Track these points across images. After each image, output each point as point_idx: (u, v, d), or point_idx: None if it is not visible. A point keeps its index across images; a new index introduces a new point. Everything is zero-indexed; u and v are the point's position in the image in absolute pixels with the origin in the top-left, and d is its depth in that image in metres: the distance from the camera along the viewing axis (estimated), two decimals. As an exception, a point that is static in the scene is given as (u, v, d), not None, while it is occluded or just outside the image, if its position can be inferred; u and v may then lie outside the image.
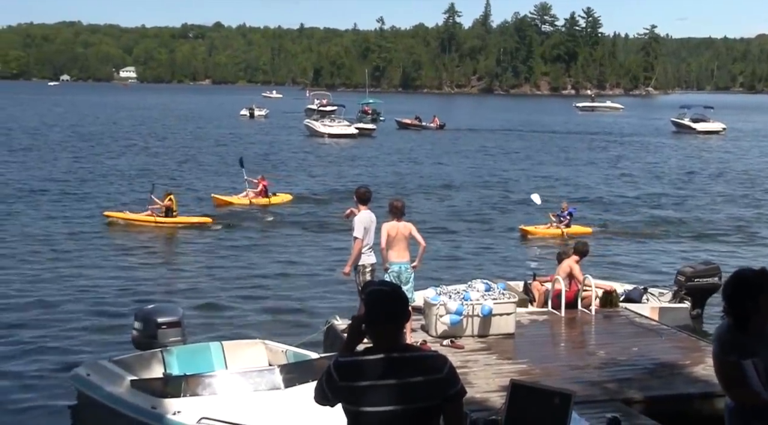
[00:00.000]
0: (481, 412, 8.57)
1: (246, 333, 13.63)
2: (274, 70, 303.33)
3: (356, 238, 12.01)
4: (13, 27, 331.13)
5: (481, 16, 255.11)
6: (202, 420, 8.77)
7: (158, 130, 70.94)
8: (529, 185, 37.34)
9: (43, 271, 19.08)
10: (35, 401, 11.47)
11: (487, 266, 20.20)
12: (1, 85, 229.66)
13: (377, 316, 4.18)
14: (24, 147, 51.17)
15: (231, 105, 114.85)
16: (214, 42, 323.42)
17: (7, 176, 36.46)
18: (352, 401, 4.11)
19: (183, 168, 41.71)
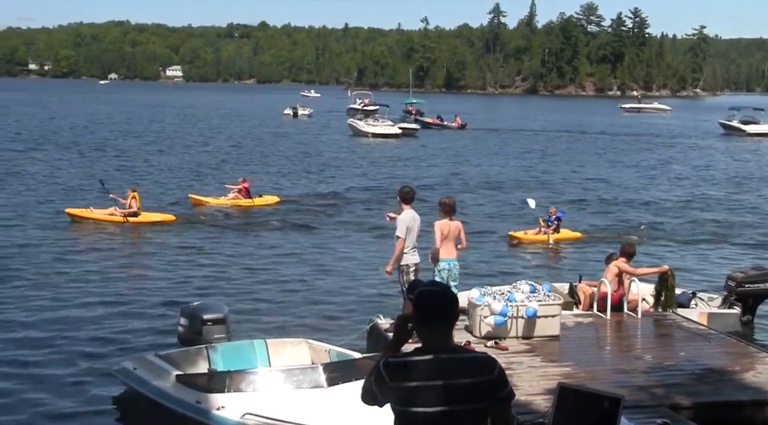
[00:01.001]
0: (525, 415, 8.50)
1: (289, 332, 13.65)
2: (318, 69, 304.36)
3: (398, 237, 12.05)
4: (63, 27, 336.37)
5: (526, 16, 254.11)
6: (245, 415, 8.81)
7: (204, 129, 71.51)
8: (573, 187, 37.12)
9: (91, 268, 19.24)
10: (83, 394, 11.59)
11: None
12: (53, 83, 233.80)
13: (428, 317, 4.16)
14: (77, 144, 51.84)
15: (275, 104, 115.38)
16: (259, 41, 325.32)
17: (59, 174, 36.91)
18: (402, 401, 4.08)
19: (223, 167, 41.92)
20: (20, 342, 13.69)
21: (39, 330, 14.45)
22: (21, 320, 14.86)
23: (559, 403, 6.01)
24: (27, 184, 33.00)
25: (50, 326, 14.66)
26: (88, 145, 51.62)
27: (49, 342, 13.76)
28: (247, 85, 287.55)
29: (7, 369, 12.46)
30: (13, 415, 10.86)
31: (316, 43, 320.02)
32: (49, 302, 16.23)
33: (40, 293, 16.91)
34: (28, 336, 14.02)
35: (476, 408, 4.12)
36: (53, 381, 12.05)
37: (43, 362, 12.82)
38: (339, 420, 8.42)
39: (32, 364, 12.71)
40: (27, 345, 13.58)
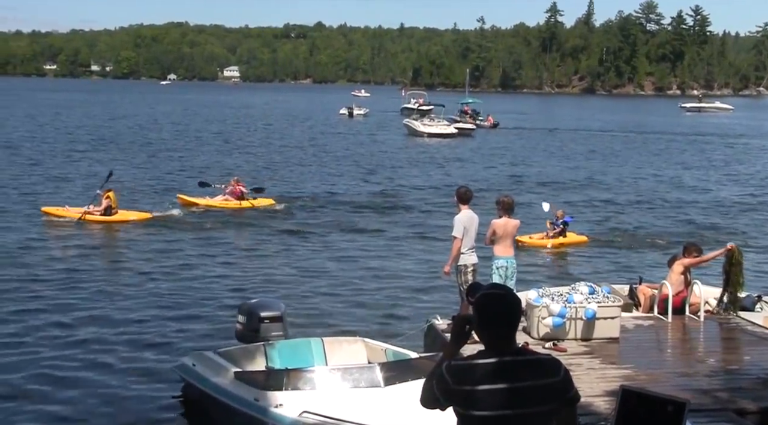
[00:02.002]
0: (586, 416, 8.38)
1: (345, 331, 13.65)
2: (373, 69, 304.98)
3: (455, 237, 12.01)
4: (124, 28, 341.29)
5: (583, 15, 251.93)
6: (303, 413, 8.81)
7: (261, 128, 72.12)
8: (629, 187, 36.69)
9: (145, 269, 19.43)
10: (143, 389, 11.74)
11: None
12: (114, 84, 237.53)
13: (491, 320, 4.12)
14: (148, 144, 52.60)
15: (330, 104, 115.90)
16: (315, 42, 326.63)
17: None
18: (466, 404, 4.04)
19: (275, 166, 42.18)
20: (84, 340, 13.89)
21: (102, 327, 14.66)
22: (85, 319, 15.06)
23: (622, 406, 5.89)
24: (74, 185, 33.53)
25: (112, 324, 14.88)
26: (151, 144, 52.39)
27: (112, 339, 13.97)
28: (303, 85, 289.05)
29: (72, 364, 12.67)
30: (76, 409, 11.04)
31: (371, 43, 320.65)
32: (110, 301, 16.46)
33: (102, 292, 17.17)
34: (91, 334, 14.23)
35: (542, 411, 4.07)
36: (116, 377, 12.22)
37: (107, 359, 12.99)
38: (396, 420, 8.38)
39: (95, 361, 12.90)
40: (90, 343, 13.78)
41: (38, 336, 14.00)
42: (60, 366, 12.61)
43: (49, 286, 17.24)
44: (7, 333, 14.19)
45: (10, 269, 18.64)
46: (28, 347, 13.49)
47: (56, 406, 11.14)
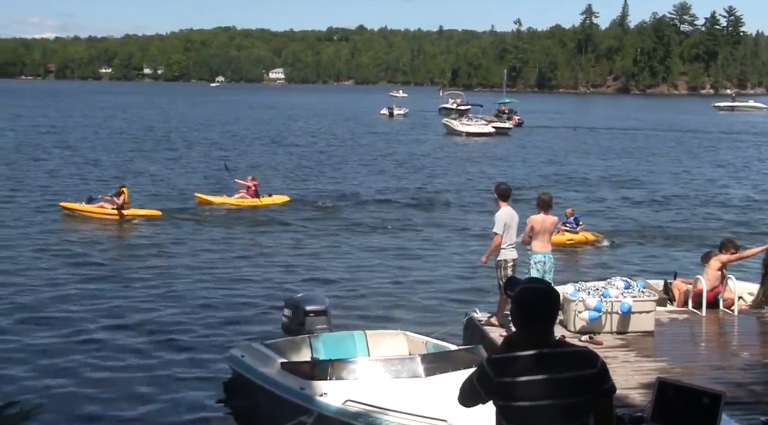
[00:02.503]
0: (623, 408, 8.29)
1: (386, 324, 13.65)
2: (413, 70, 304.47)
3: (495, 233, 11.98)
4: (175, 33, 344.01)
5: (618, 16, 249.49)
6: (347, 402, 8.82)
7: (305, 128, 72.43)
8: (669, 184, 36.31)
9: (193, 264, 19.56)
10: (194, 379, 11.84)
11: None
12: (165, 86, 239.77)
13: (530, 314, 4.10)
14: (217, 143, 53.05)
15: (371, 104, 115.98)
16: (357, 44, 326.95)
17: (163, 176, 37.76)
18: (506, 396, 4.02)
19: (319, 164, 42.30)
20: (137, 332, 14.03)
21: (155, 321, 14.81)
22: (138, 312, 15.19)
23: (658, 398, 5.86)
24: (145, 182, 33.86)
25: (165, 317, 15.03)
26: (210, 143, 52.82)
27: (165, 331, 14.12)
28: (346, 86, 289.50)
29: (126, 356, 12.81)
30: (131, 394, 11.16)
31: (411, 45, 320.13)
32: (161, 296, 16.60)
33: (155, 285, 17.35)
34: (145, 327, 14.36)
35: (580, 402, 4.05)
36: (170, 367, 12.35)
37: (160, 349, 13.14)
38: (436, 410, 8.35)
39: (150, 353, 13.04)
40: (144, 335, 13.93)
41: (97, 328, 14.17)
42: (117, 357, 12.76)
43: (99, 282, 17.39)
44: (71, 325, 14.38)
45: (63, 268, 18.83)
46: (88, 336, 13.67)
47: (111, 393, 11.27)
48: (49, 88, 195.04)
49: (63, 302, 15.79)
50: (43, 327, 14.11)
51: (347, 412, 8.78)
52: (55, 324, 14.32)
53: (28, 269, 18.39)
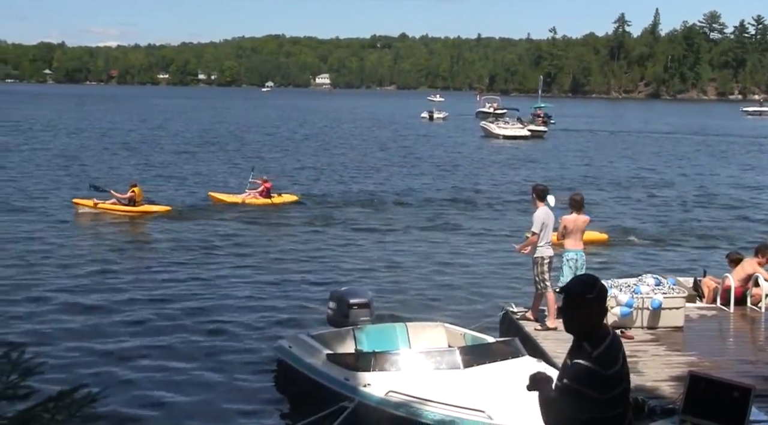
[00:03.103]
0: (654, 400, 8.19)
1: (426, 317, 13.62)
2: (452, 76, 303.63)
3: (534, 233, 11.94)
4: (228, 41, 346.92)
5: (650, 25, 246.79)
6: (389, 393, 8.81)
7: (351, 130, 72.54)
8: (697, 186, 35.84)
9: (245, 263, 19.56)
10: (245, 368, 11.88)
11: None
12: (219, 91, 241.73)
13: (605, 301, 4.24)
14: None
15: (412, 108, 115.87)
16: (399, 51, 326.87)
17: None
18: (615, 385, 4.03)
19: (363, 165, 42.31)
20: (190, 324, 14.11)
21: (206, 312, 14.90)
22: (189, 306, 15.30)
23: (690, 390, 5.78)
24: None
25: (215, 308, 15.09)
26: (249, 145, 53.16)
27: (216, 322, 14.17)
28: (388, 91, 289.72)
29: (179, 346, 12.91)
30: (182, 384, 11.24)
31: (451, 52, 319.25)
32: (211, 288, 16.70)
33: (203, 279, 17.45)
34: (197, 319, 14.45)
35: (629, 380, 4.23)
36: (221, 356, 12.41)
37: (212, 340, 13.21)
38: (475, 400, 8.32)
39: (201, 342, 13.12)
40: (196, 325, 14.03)
41: (154, 323, 14.25)
42: (170, 347, 12.86)
43: (149, 279, 17.38)
44: (127, 315, 14.54)
45: (117, 265, 18.95)
46: (152, 330, 13.79)
47: (165, 380, 11.36)
48: (112, 92, 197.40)
49: (116, 292, 15.96)
50: (99, 317, 14.24)
51: (389, 402, 8.77)
52: (111, 314, 14.44)
53: (85, 264, 18.62)
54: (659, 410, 7.23)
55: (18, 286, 16.12)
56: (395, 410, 8.66)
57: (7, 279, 16.76)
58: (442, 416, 8.30)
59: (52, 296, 15.47)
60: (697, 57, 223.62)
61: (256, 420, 10.13)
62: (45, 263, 18.35)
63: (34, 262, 18.45)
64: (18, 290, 15.85)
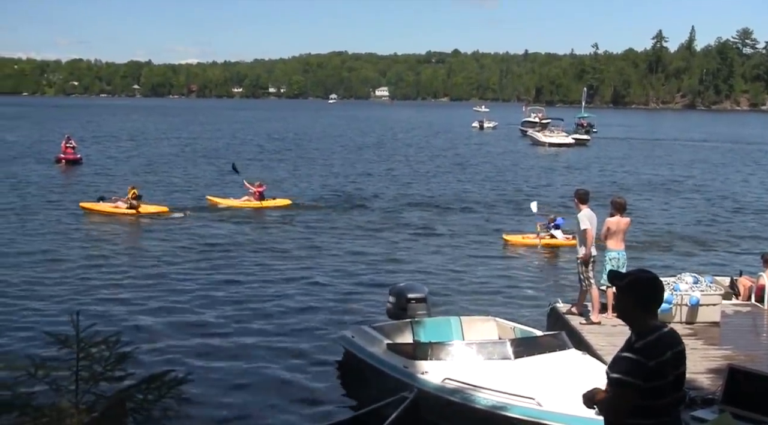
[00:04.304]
0: (694, 391, 8.02)
1: (478, 311, 13.55)
2: (501, 88, 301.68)
3: (585, 229, 11.81)
4: (295, 57, 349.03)
5: (686, 40, 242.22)
6: (445, 380, 8.78)
7: (408, 138, 72.56)
8: (729, 192, 35.02)
9: (309, 262, 19.70)
10: (312, 356, 11.94)
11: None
12: (287, 103, 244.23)
13: (649, 299, 4.10)
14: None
15: (464, 118, 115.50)
16: (452, 66, 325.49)
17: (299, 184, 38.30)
18: (656, 377, 3.96)
19: (420, 171, 42.24)
20: (259, 316, 14.20)
21: (274, 303, 15.02)
22: (258, 303, 15.32)
23: (729, 382, 5.64)
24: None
25: (281, 301, 15.20)
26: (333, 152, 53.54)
27: (285, 315, 14.27)
28: (441, 102, 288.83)
29: (249, 336, 13.00)
30: (252, 371, 11.35)
31: (500, 66, 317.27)
32: (274, 282, 16.80)
33: (267, 274, 17.56)
34: (265, 310, 14.56)
35: (683, 372, 4.11)
36: (287, 345, 12.48)
37: (280, 331, 13.29)
38: (525, 389, 8.25)
39: (270, 331, 13.22)
40: (265, 317, 14.15)
41: (225, 318, 14.34)
42: (242, 338, 12.98)
43: (215, 280, 17.30)
44: (201, 307, 14.72)
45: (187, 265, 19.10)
46: (224, 324, 13.91)
47: (238, 368, 11.47)
48: (192, 105, 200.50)
49: (190, 292, 16.07)
50: (174, 311, 14.38)
51: (445, 389, 8.74)
52: (186, 313, 14.49)
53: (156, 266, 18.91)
54: (699, 400, 7.08)
55: (106, 285, 16.35)
56: (451, 396, 8.62)
57: (97, 277, 17.14)
58: (495, 402, 8.24)
59: (135, 293, 15.68)
60: (731, 70, 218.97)
61: (321, 406, 10.13)
62: (136, 263, 18.71)
63: (120, 263, 18.82)
64: (102, 288, 16.08)
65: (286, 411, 9.97)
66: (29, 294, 15.18)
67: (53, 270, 17.30)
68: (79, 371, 4.80)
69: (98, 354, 4.92)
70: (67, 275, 16.90)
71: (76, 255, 19.03)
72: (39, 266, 17.61)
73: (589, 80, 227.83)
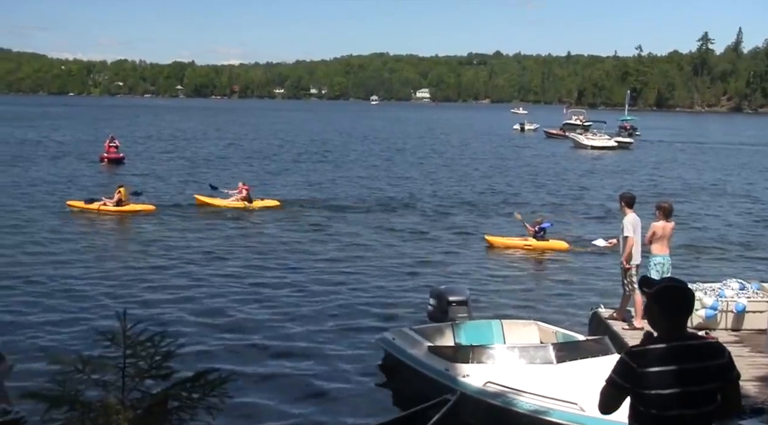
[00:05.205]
0: (742, 398, 7.88)
1: (520, 314, 13.47)
2: (543, 91, 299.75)
3: (627, 237, 11.68)
4: (337, 58, 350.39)
5: (733, 42, 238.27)
6: (487, 384, 8.74)
7: (451, 141, 72.38)
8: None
9: (344, 267, 19.72)
10: (352, 358, 11.97)
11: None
12: (329, 104, 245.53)
13: (670, 309, 3.97)
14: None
15: (503, 121, 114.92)
16: (493, 68, 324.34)
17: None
18: (645, 385, 3.90)
19: (468, 175, 42.11)
20: (302, 319, 14.18)
21: (315, 306, 15.05)
22: (298, 303, 15.40)
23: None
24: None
25: (325, 303, 15.22)
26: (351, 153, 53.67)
27: (326, 316, 14.29)
28: (483, 104, 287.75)
29: (292, 340, 13.03)
30: (297, 370, 11.41)
31: (542, 68, 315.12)
32: (317, 283, 16.82)
33: (310, 278, 17.59)
34: (306, 314, 14.56)
35: (709, 389, 3.92)
36: (330, 346, 12.52)
37: (323, 331, 13.33)
38: (567, 394, 8.18)
39: (313, 332, 13.24)
40: (305, 318, 14.16)
41: (269, 318, 14.43)
42: (286, 337, 13.07)
43: (258, 282, 17.39)
44: (238, 317, 14.84)
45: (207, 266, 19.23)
46: (267, 324, 13.97)
47: (282, 366, 11.55)
48: (234, 106, 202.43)
49: (232, 293, 16.17)
50: (215, 311, 14.49)
51: (487, 393, 8.70)
52: (227, 307, 14.66)
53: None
54: (748, 409, 6.96)
55: (149, 284, 16.54)
56: (492, 400, 8.59)
57: (140, 275, 17.38)
58: (537, 407, 8.19)
59: (176, 293, 15.81)
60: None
61: (360, 407, 10.13)
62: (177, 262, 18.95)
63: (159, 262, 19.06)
64: (145, 287, 16.28)
65: (325, 412, 10.01)
66: (74, 290, 15.47)
67: (94, 267, 17.65)
68: (125, 368, 4.87)
69: (144, 352, 4.98)
70: (112, 272, 17.20)
71: (119, 253, 19.38)
72: (81, 264, 17.96)
73: (633, 83, 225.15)
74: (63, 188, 31.22)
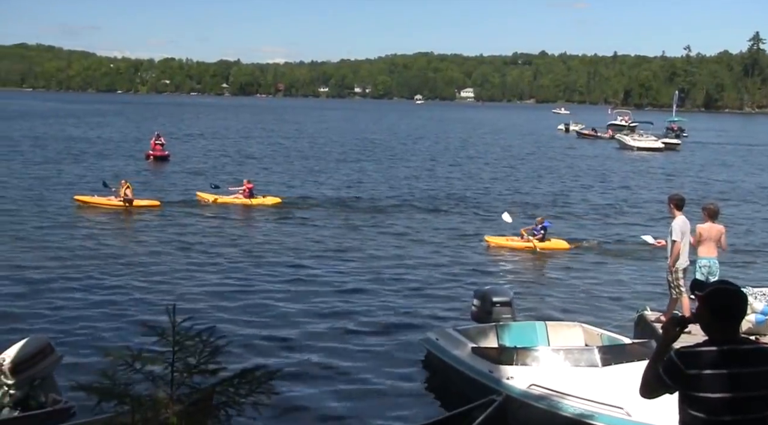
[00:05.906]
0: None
1: (564, 316, 13.34)
2: (589, 91, 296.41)
3: (675, 241, 11.49)
4: (381, 58, 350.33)
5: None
6: (531, 386, 8.68)
7: (495, 141, 72.06)
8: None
9: (388, 269, 19.73)
10: (395, 358, 11.96)
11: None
12: (373, 103, 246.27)
13: (723, 313, 3.87)
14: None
15: (547, 121, 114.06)
16: (539, 68, 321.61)
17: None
18: (693, 387, 3.82)
19: (513, 177, 41.86)
20: (346, 317, 14.23)
21: (359, 305, 15.11)
22: (342, 301, 15.42)
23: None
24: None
25: (369, 302, 15.28)
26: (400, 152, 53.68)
27: (369, 315, 14.36)
28: (528, 104, 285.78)
29: (336, 339, 13.03)
30: (340, 369, 11.44)
31: (588, 68, 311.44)
32: (364, 286, 16.86)
33: (353, 277, 17.62)
34: (350, 311, 14.63)
35: (761, 395, 3.80)
36: (373, 346, 12.55)
37: (366, 330, 13.37)
38: (613, 398, 8.07)
39: (357, 332, 13.27)
40: (349, 318, 14.21)
41: (310, 320, 14.49)
42: (332, 338, 13.12)
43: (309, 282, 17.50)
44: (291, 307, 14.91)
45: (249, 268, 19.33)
46: (299, 327, 14.06)
47: (325, 365, 11.59)
48: (279, 104, 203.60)
49: (273, 293, 16.27)
50: (261, 309, 14.57)
51: (531, 395, 8.64)
52: (272, 306, 14.74)
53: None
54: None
55: (198, 280, 16.78)
56: (537, 402, 8.52)
57: (189, 271, 17.60)
58: (582, 410, 8.11)
59: (222, 288, 16.01)
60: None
61: (403, 407, 10.13)
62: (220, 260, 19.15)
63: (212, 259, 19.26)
64: (193, 283, 16.50)
65: (368, 410, 10.03)
66: (119, 286, 15.73)
67: (135, 263, 17.94)
68: (174, 363, 4.93)
69: (193, 347, 5.04)
70: (152, 268, 17.46)
71: (156, 248, 19.68)
72: (125, 260, 18.27)
73: (681, 83, 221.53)
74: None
